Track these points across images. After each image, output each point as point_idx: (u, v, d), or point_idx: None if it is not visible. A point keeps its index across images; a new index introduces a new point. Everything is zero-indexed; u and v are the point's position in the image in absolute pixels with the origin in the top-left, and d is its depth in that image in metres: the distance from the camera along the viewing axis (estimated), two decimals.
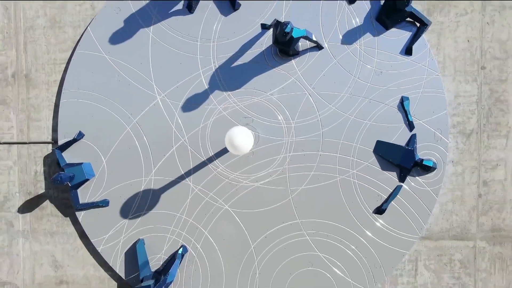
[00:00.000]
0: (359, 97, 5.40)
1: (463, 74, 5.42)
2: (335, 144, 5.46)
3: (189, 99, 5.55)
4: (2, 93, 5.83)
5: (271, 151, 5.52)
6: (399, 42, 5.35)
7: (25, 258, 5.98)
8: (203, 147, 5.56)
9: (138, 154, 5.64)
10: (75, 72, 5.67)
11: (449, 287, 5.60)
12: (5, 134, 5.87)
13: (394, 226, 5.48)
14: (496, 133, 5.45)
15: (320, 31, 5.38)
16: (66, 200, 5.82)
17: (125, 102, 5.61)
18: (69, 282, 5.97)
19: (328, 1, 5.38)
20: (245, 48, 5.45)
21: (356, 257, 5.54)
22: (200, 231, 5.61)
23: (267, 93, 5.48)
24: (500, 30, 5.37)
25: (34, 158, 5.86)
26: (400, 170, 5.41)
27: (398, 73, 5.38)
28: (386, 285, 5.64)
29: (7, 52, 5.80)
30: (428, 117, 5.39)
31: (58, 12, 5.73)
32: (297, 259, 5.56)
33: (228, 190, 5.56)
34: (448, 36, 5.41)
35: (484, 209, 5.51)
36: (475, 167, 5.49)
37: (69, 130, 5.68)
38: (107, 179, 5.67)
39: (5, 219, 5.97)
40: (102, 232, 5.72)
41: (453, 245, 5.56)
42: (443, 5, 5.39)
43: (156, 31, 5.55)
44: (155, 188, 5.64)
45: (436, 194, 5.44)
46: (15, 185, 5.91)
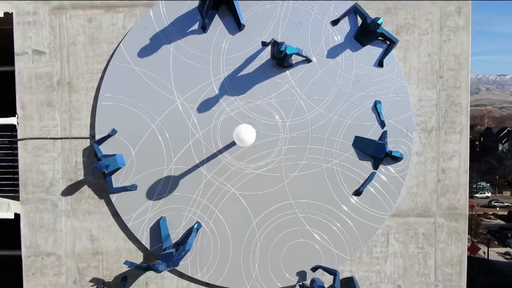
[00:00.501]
0: (340, 101, 6.66)
1: (425, 82, 6.68)
2: (321, 139, 6.72)
3: (203, 102, 6.81)
4: (49, 97, 7.10)
5: (270, 144, 6.78)
6: (373, 57, 6.61)
7: (67, 233, 7.25)
8: (214, 141, 6.82)
9: (160, 147, 6.90)
10: (109, 80, 6.93)
11: (414, 255, 6.87)
12: (51, 131, 7.13)
13: (369, 205, 6.74)
14: (452, 130, 6.71)
15: (309, 48, 6.63)
16: (101, 185, 7.08)
17: (150, 104, 6.87)
18: (103, 253, 7.24)
19: (316, 23, 6.64)
20: (248, 61, 6.71)
21: (339, 231, 6.81)
22: (211, 210, 6.88)
23: (266, 98, 6.74)
24: (454, 46, 6.63)
25: (75, 150, 7.13)
26: (374, 160, 6.66)
27: (372, 81, 6.63)
28: (363, 254, 6.91)
29: (53, 63, 7.07)
30: (396, 117, 6.65)
31: (95, 31, 6.99)
32: (290, 232, 6.83)
33: (234, 176, 6.82)
34: (413, 51, 6.67)
35: (443, 191, 6.78)
36: (435, 157, 6.75)
37: (104, 128, 6.94)
38: (135, 168, 6.93)
39: (51, 201, 7.24)
40: (131, 211, 6.99)
41: (418, 221, 6.83)
42: (409, 26, 6.64)
43: (176, 47, 6.81)
44: (175, 175, 6.90)
45: (403, 180, 6.71)
46: (59, 172, 7.18)
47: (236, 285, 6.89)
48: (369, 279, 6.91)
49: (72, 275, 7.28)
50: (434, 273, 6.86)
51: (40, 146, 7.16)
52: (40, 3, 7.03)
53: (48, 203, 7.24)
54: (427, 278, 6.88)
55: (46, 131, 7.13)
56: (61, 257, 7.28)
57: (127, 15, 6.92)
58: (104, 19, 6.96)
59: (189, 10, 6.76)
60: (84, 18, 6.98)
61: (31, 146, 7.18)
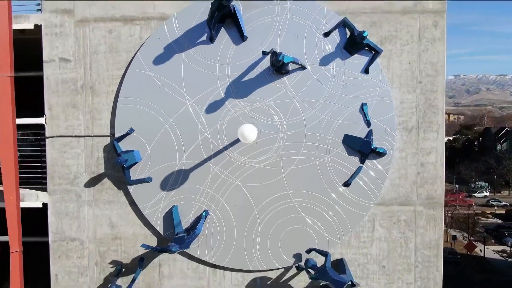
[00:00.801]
0: (331, 103, 7.57)
1: (406, 87, 7.59)
2: (315, 137, 7.63)
3: (210, 105, 7.71)
4: (73, 100, 8.01)
5: (269, 141, 7.69)
6: (360, 64, 7.51)
7: (89, 220, 8.17)
8: (221, 139, 7.73)
9: (173, 144, 7.81)
10: (127, 85, 7.84)
11: (397, 239, 7.78)
12: (75, 130, 8.04)
13: (357, 195, 7.65)
14: (430, 129, 7.62)
15: (304, 56, 7.53)
16: (120, 177, 7.99)
17: (163, 106, 7.77)
18: (122, 238, 8.15)
19: (310, 35, 7.55)
20: (250, 68, 7.61)
21: (330, 218, 7.72)
22: (218, 199, 7.78)
23: (266, 100, 7.65)
24: (431, 55, 7.53)
25: (96, 147, 8.04)
26: (361, 155, 7.57)
27: (359, 86, 7.54)
28: (352, 238, 7.81)
29: (78, 70, 7.98)
30: (380, 117, 7.56)
31: (115, 41, 7.91)
32: (287, 219, 7.73)
33: (238, 169, 7.73)
34: (395, 59, 7.58)
35: (421, 183, 7.69)
36: (415, 153, 7.66)
37: (123, 127, 7.85)
38: (150, 162, 7.84)
39: (75, 192, 8.15)
40: (146, 200, 7.90)
41: (400, 209, 7.74)
42: (392, 37, 7.56)
43: (186, 56, 7.72)
44: (185, 168, 7.81)
45: (386, 172, 7.62)
46: (82, 166, 8.09)
47: (240, 266, 7.81)
48: (357, 260, 7.82)
49: (94, 258, 8.20)
50: (414, 255, 7.78)
51: (66, 143, 8.08)
52: (66, 17, 7.94)
53: (73, 194, 8.15)
54: (408, 259, 7.79)
55: (71, 130, 8.04)
56: (84, 242, 8.20)
57: (144, 27, 7.84)
58: (123, 30, 7.87)
59: (198, 23, 7.67)
60: (105, 29, 7.90)
61: (57, 143, 8.09)
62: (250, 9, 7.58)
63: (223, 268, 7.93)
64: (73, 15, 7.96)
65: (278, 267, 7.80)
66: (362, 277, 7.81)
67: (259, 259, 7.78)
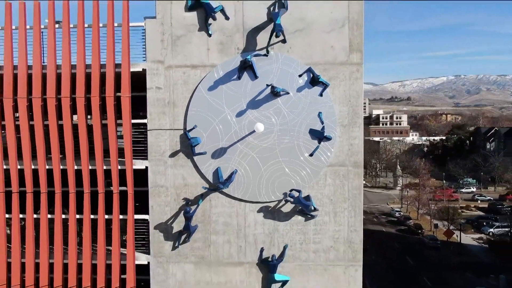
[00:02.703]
0: (303, 112, 14.25)
1: (342, 103, 14.27)
2: (295, 130, 14.31)
3: (238, 112, 14.40)
4: (163, 109, 14.71)
5: (269, 132, 14.36)
6: (318, 91, 14.20)
7: (170, 175, 14.86)
8: (243, 131, 14.41)
9: (217, 134, 14.50)
10: (193, 102, 14.54)
11: (338, 184, 14.44)
12: (164, 125, 14.71)
13: (316, 160, 14.34)
14: (355, 125, 14.28)
15: (288, 87, 14.22)
16: (188, 152, 14.66)
17: (212, 113, 14.46)
18: (188, 185, 14.84)
19: (292, 76, 14.22)
20: (260, 93, 14.30)
21: (303, 173, 14.40)
22: (242, 163, 14.48)
23: (268, 110, 14.33)
24: (355, 87, 14.21)
25: (175, 135, 14.75)
26: (318, 139, 14.24)
27: (318, 102, 14.22)
28: (314, 184, 14.49)
29: (165, 93, 14.67)
30: (328, 119, 14.23)
31: (186, 78, 14.60)
32: (279, 174, 14.42)
33: (253, 147, 14.43)
34: (336, 89, 14.27)
35: (350, 154, 14.37)
36: (347, 138, 14.34)
37: (191, 124, 14.54)
38: (205, 144, 14.54)
39: (163, 160, 14.84)
40: (203, 164, 14.61)
41: (339, 168, 14.42)
42: (335, 77, 14.24)
43: (226, 86, 14.40)
44: (224, 147, 14.50)
45: (332, 148, 14.30)
46: (167, 146, 14.77)
47: (253, 199, 14.52)
48: (317, 196, 14.50)
49: (173, 196, 14.90)
50: (348, 193, 14.48)
51: (158, 133, 14.80)
52: (159, 64, 14.65)
53: (162, 161, 14.86)
54: (345, 195, 14.48)
55: (161, 126, 14.76)
56: (168, 188, 14.91)
57: (202, 70, 14.54)
58: (191, 72, 14.59)
59: (232, 69, 14.36)
60: (181, 72, 14.61)
61: (154, 133, 14.81)
62: (259, 61, 14.27)
63: (244, 200, 14.63)
64: (163, 63, 14.68)
65: (274, 199, 14.51)
66: (320, 204, 14.51)
67: (264, 195, 14.49)
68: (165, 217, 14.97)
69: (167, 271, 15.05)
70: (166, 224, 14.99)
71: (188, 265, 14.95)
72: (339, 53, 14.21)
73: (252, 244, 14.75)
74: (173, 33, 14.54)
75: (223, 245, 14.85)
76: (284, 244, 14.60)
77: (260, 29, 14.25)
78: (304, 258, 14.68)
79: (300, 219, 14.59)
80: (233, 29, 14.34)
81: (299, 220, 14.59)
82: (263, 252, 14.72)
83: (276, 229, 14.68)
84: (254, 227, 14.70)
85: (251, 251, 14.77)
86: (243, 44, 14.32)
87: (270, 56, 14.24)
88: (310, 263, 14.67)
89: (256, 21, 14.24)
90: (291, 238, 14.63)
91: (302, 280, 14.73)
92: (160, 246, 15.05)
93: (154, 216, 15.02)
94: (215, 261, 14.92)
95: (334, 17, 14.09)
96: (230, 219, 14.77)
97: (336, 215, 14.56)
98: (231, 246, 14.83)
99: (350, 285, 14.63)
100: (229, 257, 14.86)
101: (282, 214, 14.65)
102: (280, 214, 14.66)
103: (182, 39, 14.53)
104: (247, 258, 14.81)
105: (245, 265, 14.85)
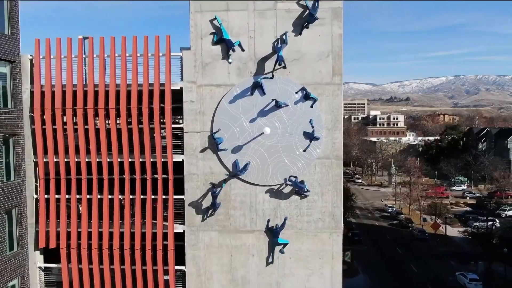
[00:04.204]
0: (299, 119, 19.49)
1: (327, 112, 19.49)
2: (293, 132, 19.54)
3: (250, 119, 19.63)
4: (195, 117, 19.94)
5: (274, 134, 19.59)
6: (309, 104, 19.40)
7: (200, 166, 20.08)
8: (255, 133, 19.64)
9: (236, 135, 19.73)
10: (218, 112, 19.77)
11: (323, 172, 19.66)
12: (196, 128, 19.96)
13: (308, 154, 19.57)
14: (336, 129, 19.50)
15: (287, 100, 19.45)
16: (214, 148, 19.86)
17: (232, 120, 19.69)
18: (214, 173, 20.04)
19: (291, 92, 19.44)
20: (267, 105, 19.52)
21: (299, 164, 19.62)
22: (253, 157, 19.70)
23: (273, 117, 19.56)
24: (337, 101, 19.44)
25: (204, 136, 19.98)
26: (310, 139, 19.46)
27: (309, 112, 19.43)
28: (307, 173, 19.70)
29: (197, 105, 19.91)
30: (317, 125, 19.46)
31: (213, 94, 19.84)
32: (281, 165, 19.66)
33: (262, 145, 19.66)
34: (323, 102, 19.48)
35: (335, 149, 19.60)
36: (331, 138, 19.56)
37: (216, 128, 19.78)
38: (227, 142, 19.77)
39: (195, 155, 20.07)
40: (225, 157, 19.85)
41: (325, 160, 19.64)
42: (321, 94, 19.46)
43: (242, 100, 19.64)
44: (241, 144, 19.70)
45: (320, 145, 19.53)
46: (198, 144, 20.00)
47: (263, 183, 19.75)
48: (309, 180, 19.71)
49: (202, 181, 20.13)
50: (331, 178, 19.69)
51: (192, 134, 20.03)
52: (193, 84, 19.88)
53: (194, 155, 20.09)
54: (329, 180, 19.68)
55: (194, 129, 19.99)
56: (199, 175, 20.13)
57: (225, 88, 19.77)
58: (216, 90, 19.83)
59: (247, 87, 19.58)
60: (209, 89, 19.85)
61: (188, 134, 20.05)
62: (266, 82, 19.48)
63: (255, 184, 19.85)
64: (195, 83, 19.92)
65: (277, 183, 19.75)
66: (311, 187, 19.72)
67: (270, 180, 19.72)
68: (196, 197, 20.21)
69: (198, 237, 20.30)
70: (197, 202, 20.22)
71: (213, 232, 20.20)
72: (325, 76, 19.46)
73: (261, 217, 19.99)
74: (203, 61, 19.79)
75: (239, 217, 20.09)
76: (284, 216, 19.82)
77: (267, 58, 19.49)
78: (299, 227, 19.91)
79: (296, 198, 19.81)
80: (247, 58, 19.59)
81: (295, 198, 19.81)
82: (269, 222, 19.95)
83: (278, 205, 19.91)
84: (262, 204, 19.94)
85: (260, 222, 20.02)
86: (255, 69, 19.57)
87: (274, 79, 19.49)
88: (304, 230, 19.91)
89: (264, 53, 19.50)
90: (290, 212, 19.87)
91: (298, 243, 19.96)
92: (193, 219, 20.30)
93: (188, 196, 20.26)
94: (233, 229, 20.16)
95: (321, 50, 19.35)
96: (245, 198, 20.02)
97: (323, 195, 19.79)
98: (245, 218, 20.07)
99: (333, 246, 19.87)
100: (244, 226, 20.11)
101: (283, 194, 19.88)
102: (282, 194, 19.89)
103: (210, 65, 19.78)
104: (257, 227, 20.05)
105: (255, 232, 20.10)
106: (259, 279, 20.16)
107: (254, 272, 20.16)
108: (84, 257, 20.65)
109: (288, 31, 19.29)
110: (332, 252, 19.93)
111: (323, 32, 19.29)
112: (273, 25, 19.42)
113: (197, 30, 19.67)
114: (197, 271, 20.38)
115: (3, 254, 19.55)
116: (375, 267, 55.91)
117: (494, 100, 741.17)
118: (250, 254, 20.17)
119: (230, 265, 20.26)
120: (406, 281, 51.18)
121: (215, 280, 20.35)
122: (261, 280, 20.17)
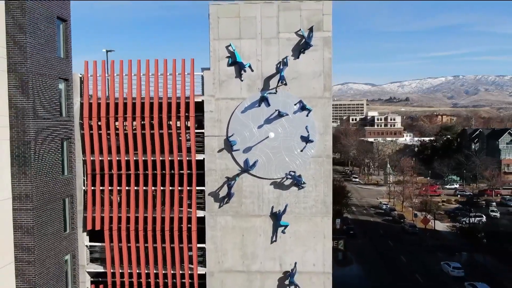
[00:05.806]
0: (297, 125, 24.38)
1: (319, 120, 24.39)
2: (293, 136, 24.44)
3: (258, 126, 24.52)
4: (214, 124, 24.85)
5: (278, 137, 24.48)
6: (305, 113, 24.30)
7: (217, 163, 24.99)
8: (262, 136, 24.54)
9: (246, 138, 24.63)
10: (232, 120, 24.66)
11: (316, 168, 24.57)
12: (215, 133, 24.87)
13: (305, 154, 24.47)
14: (326, 134, 24.41)
15: (287, 111, 24.35)
16: (229, 149, 24.77)
17: (243, 126, 24.58)
18: (229, 169, 24.92)
19: (290, 104, 24.33)
20: (271, 114, 24.42)
21: (298, 161, 24.52)
22: (260, 155, 24.60)
23: (276, 124, 24.47)
24: (327, 111, 24.34)
25: (220, 139, 24.87)
26: (306, 142, 24.35)
27: (305, 120, 24.32)
28: (305, 166, 24.60)
29: (215, 114, 24.80)
30: (312, 130, 24.35)
31: (228, 105, 24.74)
32: (283, 162, 24.58)
33: (267, 146, 24.56)
34: (317, 112, 24.38)
35: (326, 150, 24.50)
36: (321, 141, 24.45)
37: (231, 132, 24.67)
38: (240, 144, 24.67)
39: (214, 154, 24.97)
40: (238, 156, 24.75)
41: (318, 159, 24.55)
42: (314, 105, 24.37)
43: (251, 111, 24.54)
44: (250, 145, 24.61)
45: (314, 146, 24.43)
46: (216, 145, 24.89)
47: (268, 176, 24.65)
48: (305, 175, 24.58)
49: (220, 176, 25.01)
50: (323, 173, 24.60)
51: (211, 138, 24.94)
52: (212, 98, 24.79)
53: (213, 155, 24.99)
54: (321, 174, 24.57)
55: (213, 133, 24.89)
56: (217, 170, 25.02)
57: (237, 101, 24.67)
58: (231, 102, 24.73)
59: (255, 100, 24.49)
60: (225, 101, 24.76)
61: (208, 138, 24.95)
62: (271, 96, 24.37)
63: (262, 178, 24.75)
64: (214, 96, 24.84)
65: (280, 177, 24.66)
66: (306, 180, 24.59)
67: (274, 174, 24.63)
68: (214, 188, 25.11)
69: (216, 220, 25.21)
70: (215, 192, 25.13)
71: (228, 217, 25.11)
72: (318, 91, 24.38)
73: (266, 204, 24.90)
74: (220, 79, 24.71)
75: (249, 205, 25.00)
76: (285, 203, 24.71)
77: (272, 77, 24.42)
78: (297, 212, 24.83)
79: (295, 189, 24.70)
80: (256, 77, 24.51)
81: (294, 189, 24.70)
82: (273, 209, 24.85)
83: (281, 195, 24.82)
84: (268, 193, 24.85)
85: (266, 208, 24.93)
86: (262, 85, 24.49)
87: (278, 93, 24.41)
88: (301, 215, 24.83)
89: (269, 73, 24.43)
90: (290, 200, 24.77)
91: (296, 226, 24.86)
92: (211, 206, 25.21)
93: (208, 187, 25.17)
94: (244, 214, 25.08)
95: (315, 70, 24.28)
96: (254, 189, 24.93)
97: (316, 186, 24.70)
98: (254, 205, 24.98)
99: (325, 228, 24.77)
100: (253, 212, 25.02)
101: (284, 186, 24.79)
102: (283, 186, 24.80)
103: (225, 82, 24.70)
104: (263, 212, 24.97)
105: (262, 216, 25.02)
106: (265, 254, 25.06)
107: (261, 248, 25.06)
108: (123, 237, 25.56)
109: (288, 56, 24.20)
110: (323, 232, 24.84)
111: (316, 56, 24.21)
112: (277, 50, 24.34)
113: (215, 54, 24.59)
114: (215, 248, 25.28)
115: (60, 234, 24.46)
116: (367, 258, 60.87)
117: (493, 101, 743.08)
118: (258, 234, 25.06)
119: (242, 243, 25.16)
120: (395, 269, 56.12)
121: (230, 255, 25.24)
122: (267, 255, 25.07)
